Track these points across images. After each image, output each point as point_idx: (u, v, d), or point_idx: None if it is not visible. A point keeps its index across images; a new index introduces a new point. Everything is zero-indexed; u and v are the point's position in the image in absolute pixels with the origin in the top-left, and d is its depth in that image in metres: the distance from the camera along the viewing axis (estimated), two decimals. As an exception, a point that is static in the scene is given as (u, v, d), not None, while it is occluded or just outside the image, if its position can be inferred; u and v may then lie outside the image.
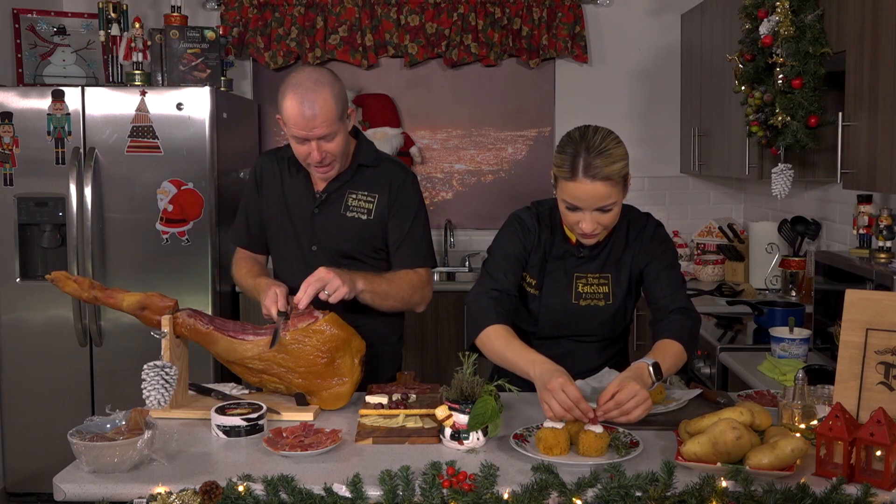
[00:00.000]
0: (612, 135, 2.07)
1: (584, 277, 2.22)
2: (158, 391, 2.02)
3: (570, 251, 2.23)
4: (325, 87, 2.24)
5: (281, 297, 2.18)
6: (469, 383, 1.85)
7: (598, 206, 2.04)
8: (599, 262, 2.23)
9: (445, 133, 4.83)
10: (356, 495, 1.56)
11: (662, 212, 4.73)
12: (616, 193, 2.04)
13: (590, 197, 2.02)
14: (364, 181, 2.42)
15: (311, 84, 2.24)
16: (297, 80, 2.26)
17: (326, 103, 2.23)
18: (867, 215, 2.98)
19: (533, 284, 2.25)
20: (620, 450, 1.74)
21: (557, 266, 2.23)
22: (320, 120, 2.23)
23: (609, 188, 2.01)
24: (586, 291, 2.22)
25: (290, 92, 2.25)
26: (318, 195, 2.41)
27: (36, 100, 3.75)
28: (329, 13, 4.59)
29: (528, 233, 2.23)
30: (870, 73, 2.45)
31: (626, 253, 2.22)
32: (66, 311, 3.80)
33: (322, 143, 2.27)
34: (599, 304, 2.22)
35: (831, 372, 2.02)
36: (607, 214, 2.07)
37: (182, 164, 3.74)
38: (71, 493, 1.65)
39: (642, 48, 4.71)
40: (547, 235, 2.24)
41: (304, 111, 2.23)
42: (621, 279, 2.22)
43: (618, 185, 2.04)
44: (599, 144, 2.01)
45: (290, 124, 2.26)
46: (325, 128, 2.24)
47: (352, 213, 2.39)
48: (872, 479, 1.57)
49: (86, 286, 2.15)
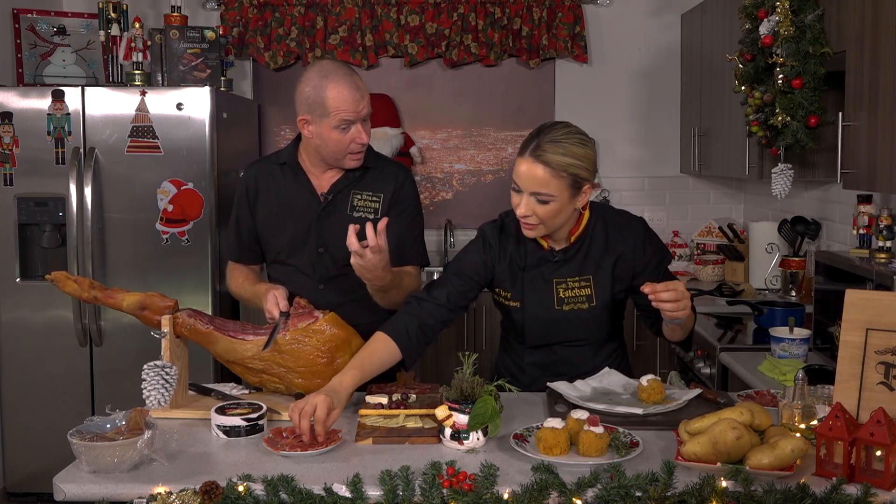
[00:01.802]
0: (580, 135, 2.07)
1: (563, 282, 2.19)
2: (158, 391, 2.02)
3: (545, 257, 2.21)
4: (353, 70, 2.37)
5: (281, 299, 2.19)
6: (469, 383, 1.85)
7: (533, 190, 2.03)
8: (576, 264, 2.20)
9: (445, 133, 4.83)
10: (356, 495, 1.56)
11: (662, 212, 4.74)
12: (556, 187, 2.02)
13: (527, 177, 2.03)
14: (367, 182, 2.43)
15: (344, 69, 2.34)
16: (328, 70, 2.31)
17: (363, 82, 2.35)
18: (867, 215, 2.98)
19: (509, 297, 2.24)
20: (620, 450, 1.74)
21: (535, 275, 2.21)
22: (366, 98, 2.33)
23: (547, 176, 2.01)
24: (568, 296, 2.19)
25: (331, 80, 2.29)
26: (323, 197, 2.41)
27: (36, 100, 3.75)
28: (329, 13, 4.59)
29: (489, 249, 2.23)
30: (870, 73, 2.45)
31: (608, 254, 2.19)
32: (66, 311, 3.80)
33: (365, 124, 2.34)
34: (583, 307, 2.20)
35: (831, 372, 2.02)
36: (543, 207, 2.05)
37: (182, 164, 3.74)
38: (71, 493, 1.65)
39: (642, 48, 4.71)
40: (514, 245, 2.22)
41: (354, 92, 2.30)
42: (603, 280, 2.19)
43: (559, 179, 2.02)
44: (558, 135, 2.04)
45: (341, 109, 2.28)
46: (369, 105, 2.34)
47: (358, 213, 2.39)
48: (872, 479, 1.57)
49: (86, 286, 2.15)
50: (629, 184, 4.70)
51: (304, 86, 2.31)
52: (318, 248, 2.41)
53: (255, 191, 2.48)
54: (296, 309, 2.15)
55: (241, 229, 2.52)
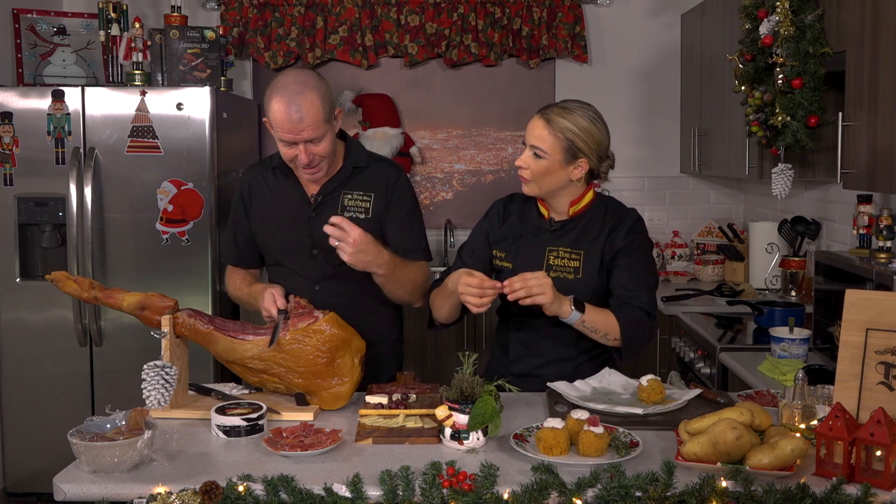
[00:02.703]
0: (587, 107, 2.24)
1: (555, 250, 2.29)
2: (158, 391, 2.02)
3: (543, 226, 2.32)
4: (311, 90, 2.21)
5: (279, 297, 2.19)
6: (469, 383, 1.85)
7: (532, 143, 2.22)
8: (572, 238, 2.29)
9: (445, 133, 4.83)
10: (356, 495, 1.56)
11: (662, 212, 4.74)
12: (550, 145, 2.19)
13: (530, 131, 2.22)
14: (358, 182, 2.42)
15: (297, 87, 2.20)
16: (284, 83, 2.22)
17: (313, 106, 2.20)
18: (867, 215, 2.98)
19: (503, 258, 2.34)
20: (620, 450, 1.75)
21: (532, 241, 2.32)
22: (308, 123, 2.21)
23: (546, 133, 2.20)
24: (556, 264, 2.28)
25: (277, 95, 2.21)
26: (314, 199, 2.41)
27: (36, 100, 3.75)
28: (329, 13, 4.59)
29: (490, 216, 2.41)
30: (870, 73, 2.45)
31: (600, 236, 2.28)
32: (66, 311, 3.80)
33: (310, 145, 2.25)
34: (569, 277, 2.25)
35: (831, 372, 2.02)
36: (536, 161, 2.21)
37: (182, 164, 3.74)
38: (71, 493, 1.65)
39: (642, 48, 4.71)
40: (518, 211, 2.37)
41: (292, 114, 2.20)
42: (592, 258, 2.27)
43: (556, 139, 2.19)
44: (571, 106, 2.23)
45: (278, 128, 2.24)
46: (313, 130, 2.22)
47: (349, 213, 2.39)
48: (872, 479, 1.57)
49: (86, 286, 2.15)
50: (629, 184, 4.70)
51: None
52: (312, 250, 2.41)
53: (250, 195, 2.49)
54: (296, 309, 2.15)
55: (238, 234, 2.53)
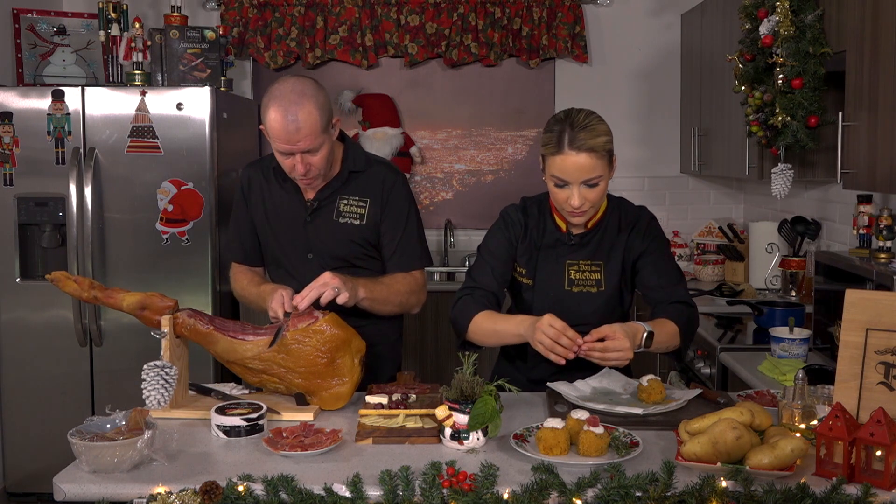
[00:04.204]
0: (595, 114, 2.18)
1: (575, 264, 2.27)
2: (158, 391, 2.02)
3: (561, 239, 2.28)
4: (308, 100, 2.18)
5: (287, 299, 2.18)
6: (469, 383, 1.85)
7: (584, 178, 2.10)
8: (590, 249, 2.27)
9: (445, 133, 4.83)
10: (356, 495, 1.56)
11: (662, 212, 4.74)
12: (601, 167, 2.11)
13: (575, 169, 2.09)
14: (354, 187, 2.40)
15: (294, 96, 2.17)
16: (281, 92, 2.19)
17: (311, 116, 2.18)
18: (867, 215, 2.98)
19: (523, 273, 2.30)
20: (620, 450, 1.74)
21: (549, 255, 2.28)
22: (304, 133, 2.18)
23: (594, 160, 2.09)
24: (578, 278, 2.26)
25: (274, 105, 2.19)
26: (310, 203, 2.40)
27: (36, 100, 3.75)
28: (329, 13, 4.59)
29: (513, 226, 2.30)
30: (870, 73, 2.45)
31: (618, 242, 2.26)
32: (66, 311, 3.80)
33: (306, 155, 2.23)
34: (591, 291, 2.25)
35: (831, 372, 2.02)
36: (594, 190, 2.13)
37: (182, 164, 3.74)
38: (71, 493, 1.65)
39: (642, 48, 4.71)
40: (535, 224, 2.30)
41: (288, 125, 2.17)
42: (613, 267, 2.26)
43: (603, 159, 2.11)
44: (583, 121, 2.13)
45: (274, 138, 2.22)
46: (310, 141, 2.20)
47: (344, 218, 2.38)
48: (872, 479, 1.57)
49: (86, 286, 2.15)
50: (629, 184, 4.70)
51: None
52: (307, 254, 2.41)
53: (250, 191, 2.48)
54: (296, 309, 2.15)
55: (243, 230, 2.52)
